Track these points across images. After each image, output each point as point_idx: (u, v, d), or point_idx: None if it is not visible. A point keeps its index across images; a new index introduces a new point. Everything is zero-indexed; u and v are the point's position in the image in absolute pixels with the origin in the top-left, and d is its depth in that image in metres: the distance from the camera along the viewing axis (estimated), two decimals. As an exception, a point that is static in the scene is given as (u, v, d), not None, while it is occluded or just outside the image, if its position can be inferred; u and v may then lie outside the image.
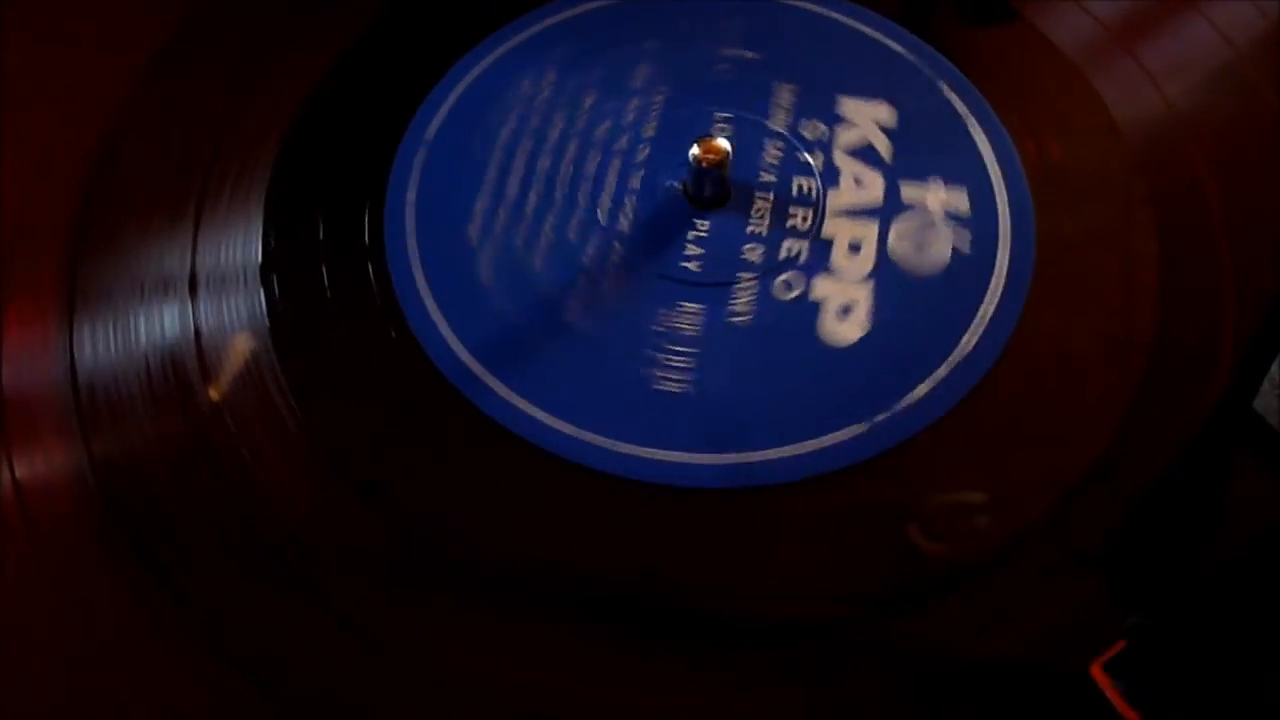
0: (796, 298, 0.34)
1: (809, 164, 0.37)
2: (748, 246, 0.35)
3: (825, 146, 0.37)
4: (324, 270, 0.35)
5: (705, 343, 0.34)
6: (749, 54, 0.39)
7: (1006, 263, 0.35)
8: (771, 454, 0.32)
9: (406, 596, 0.30)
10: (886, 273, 0.35)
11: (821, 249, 0.35)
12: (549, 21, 0.40)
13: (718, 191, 0.36)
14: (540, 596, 0.30)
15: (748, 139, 0.37)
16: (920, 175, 0.37)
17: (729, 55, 0.39)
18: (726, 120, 0.38)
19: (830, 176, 0.37)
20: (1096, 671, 0.27)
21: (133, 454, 0.32)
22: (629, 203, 0.36)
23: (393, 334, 0.34)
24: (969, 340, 0.34)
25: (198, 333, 0.34)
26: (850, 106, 0.38)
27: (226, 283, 0.35)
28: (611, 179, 0.37)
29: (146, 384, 0.33)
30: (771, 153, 0.37)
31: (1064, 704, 0.28)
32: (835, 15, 0.40)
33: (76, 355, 0.34)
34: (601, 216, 0.36)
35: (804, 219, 0.36)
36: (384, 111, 0.38)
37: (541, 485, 0.32)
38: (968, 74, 0.39)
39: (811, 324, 0.34)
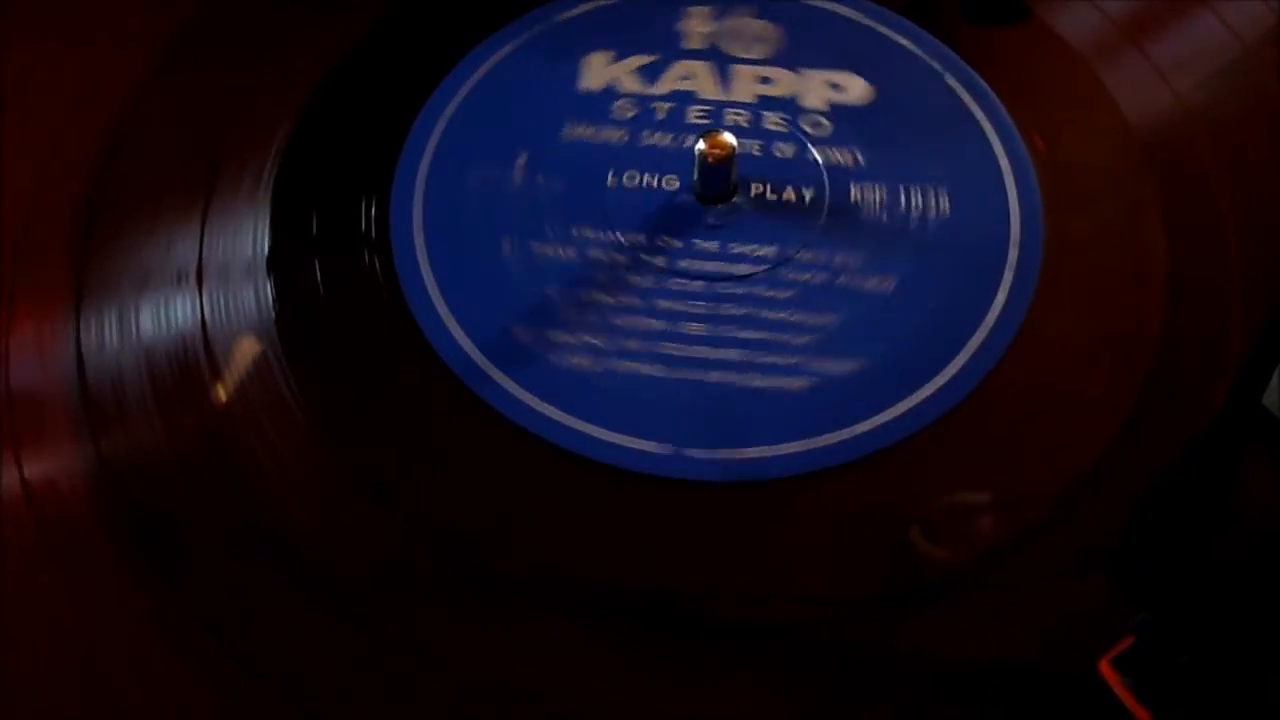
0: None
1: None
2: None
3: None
4: (331, 264, 0.35)
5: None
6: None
7: (1015, 259, 0.35)
8: (776, 450, 0.32)
9: (413, 591, 0.30)
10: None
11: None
12: (560, 17, 0.40)
13: (724, 186, 0.36)
14: (547, 594, 0.30)
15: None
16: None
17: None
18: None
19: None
20: (1105, 668, 0.27)
21: (140, 449, 0.32)
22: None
23: (400, 328, 0.34)
24: (977, 336, 0.33)
25: (205, 327, 0.34)
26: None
27: (234, 277, 0.35)
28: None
29: (153, 379, 0.33)
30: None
31: (1072, 701, 0.28)
32: (839, 9, 0.40)
33: (84, 350, 0.34)
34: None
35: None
36: (392, 105, 0.38)
37: (550, 481, 0.32)
38: (977, 70, 0.39)
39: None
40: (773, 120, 0.38)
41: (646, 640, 0.29)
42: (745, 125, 0.38)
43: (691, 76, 0.39)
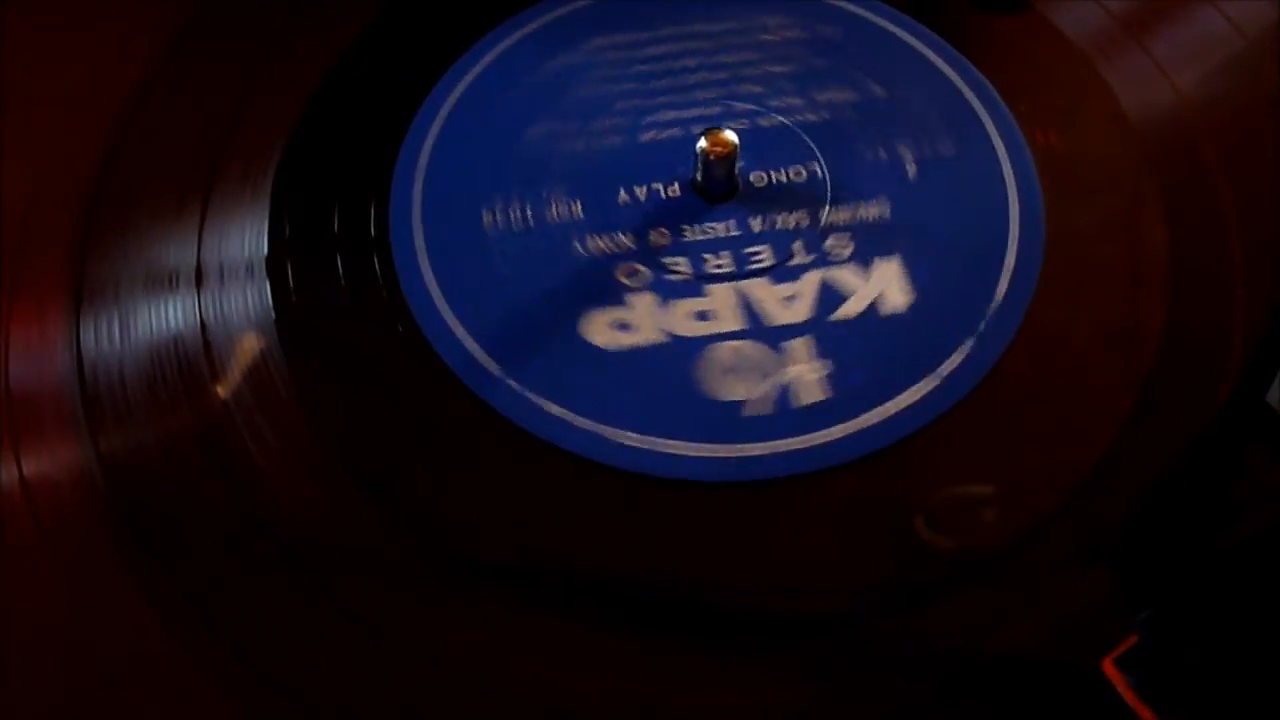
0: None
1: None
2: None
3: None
4: (331, 264, 0.35)
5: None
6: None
7: (1015, 254, 0.35)
8: (779, 446, 0.32)
9: (413, 590, 0.30)
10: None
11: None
12: (558, 13, 0.40)
13: (726, 185, 0.36)
14: (549, 592, 0.30)
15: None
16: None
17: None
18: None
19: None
20: (1108, 667, 0.27)
21: (139, 448, 0.32)
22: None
23: (400, 328, 0.34)
24: (978, 331, 0.33)
25: (204, 327, 0.34)
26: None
27: (233, 277, 0.35)
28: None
29: (153, 378, 0.33)
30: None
31: (1075, 700, 0.28)
32: (842, 4, 0.40)
33: (83, 349, 0.34)
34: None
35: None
36: (391, 104, 0.38)
37: (550, 480, 0.32)
38: (977, 64, 0.39)
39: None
40: (768, 118, 0.38)
41: (650, 636, 0.29)
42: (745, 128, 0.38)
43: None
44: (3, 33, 0.39)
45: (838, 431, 0.32)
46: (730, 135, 0.35)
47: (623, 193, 0.36)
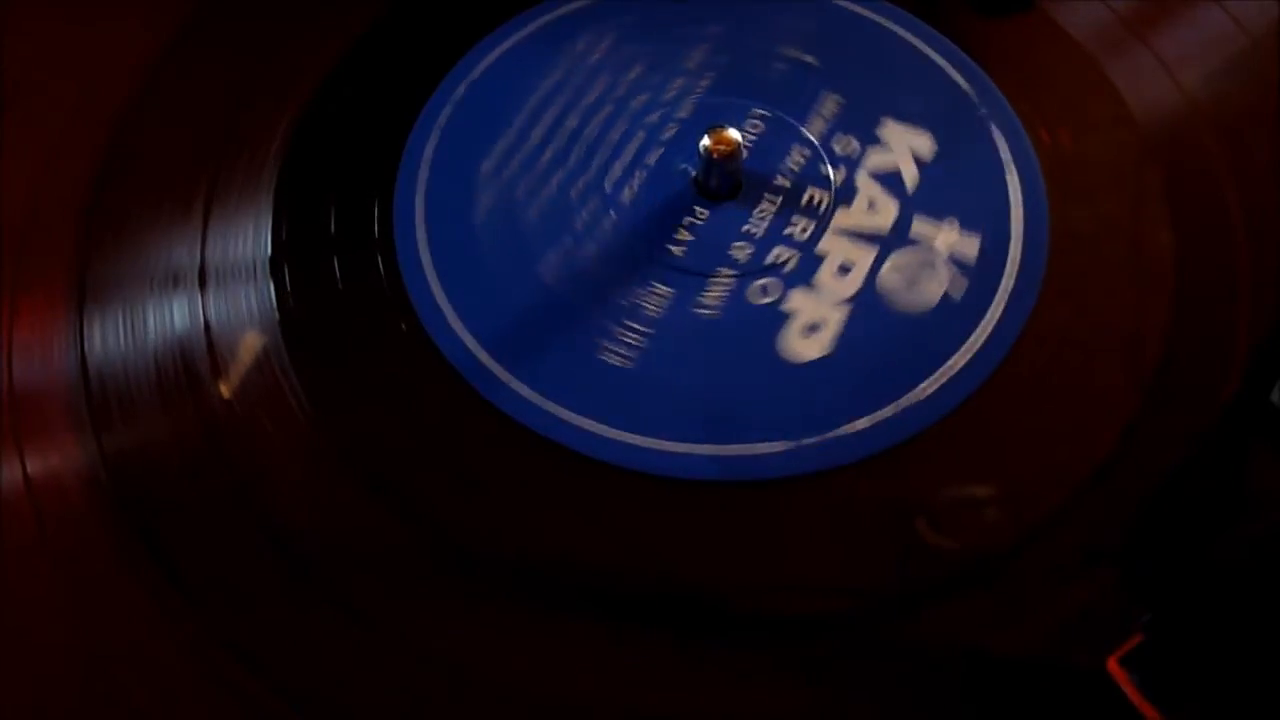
0: (807, 285, 0.34)
1: (828, 177, 0.37)
2: (737, 244, 0.35)
3: (852, 164, 0.37)
4: (334, 263, 0.35)
5: (717, 335, 0.33)
6: (799, 54, 0.39)
7: (1020, 254, 0.35)
8: (780, 447, 0.32)
9: (416, 591, 0.30)
10: (867, 301, 0.34)
11: (810, 263, 0.35)
12: (559, 12, 0.40)
13: (727, 183, 0.36)
14: (549, 591, 0.30)
15: (776, 139, 0.37)
16: (937, 213, 0.36)
17: (782, 54, 0.39)
18: (762, 117, 0.38)
19: (846, 194, 0.36)
20: (1113, 666, 0.27)
21: (143, 447, 0.32)
22: (639, 186, 0.36)
23: (402, 327, 0.34)
24: (981, 333, 0.33)
25: (207, 326, 0.34)
26: (891, 130, 0.37)
27: (236, 276, 0.35)
28: (628, 162, 0.37)
29: (156, 377, 0.33)
30: (795, 158, 0.37)
31: (1079, 700, 0.28)
32: (845, 3, 0.40)
33: (87, 349, 0.34)
34: (616, 206, 0.36)
35: (803, 230, 0.36)
36: (394, 103, 0.38)
37: (552, 479, 0.32)
38: (981, 63, 0.39)
39: (833, 309, 0.34)
40: (771, 117, 0.38)
41: (653, 637, 0.29)
42: (748, 127, 0.37)
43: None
44: (4, 32, 0.39)
45: (839, 431, 0.32)
46: (734, 134, 0.35)
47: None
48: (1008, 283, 0.34)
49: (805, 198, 0.36)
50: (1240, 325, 0.33)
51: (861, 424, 0.32)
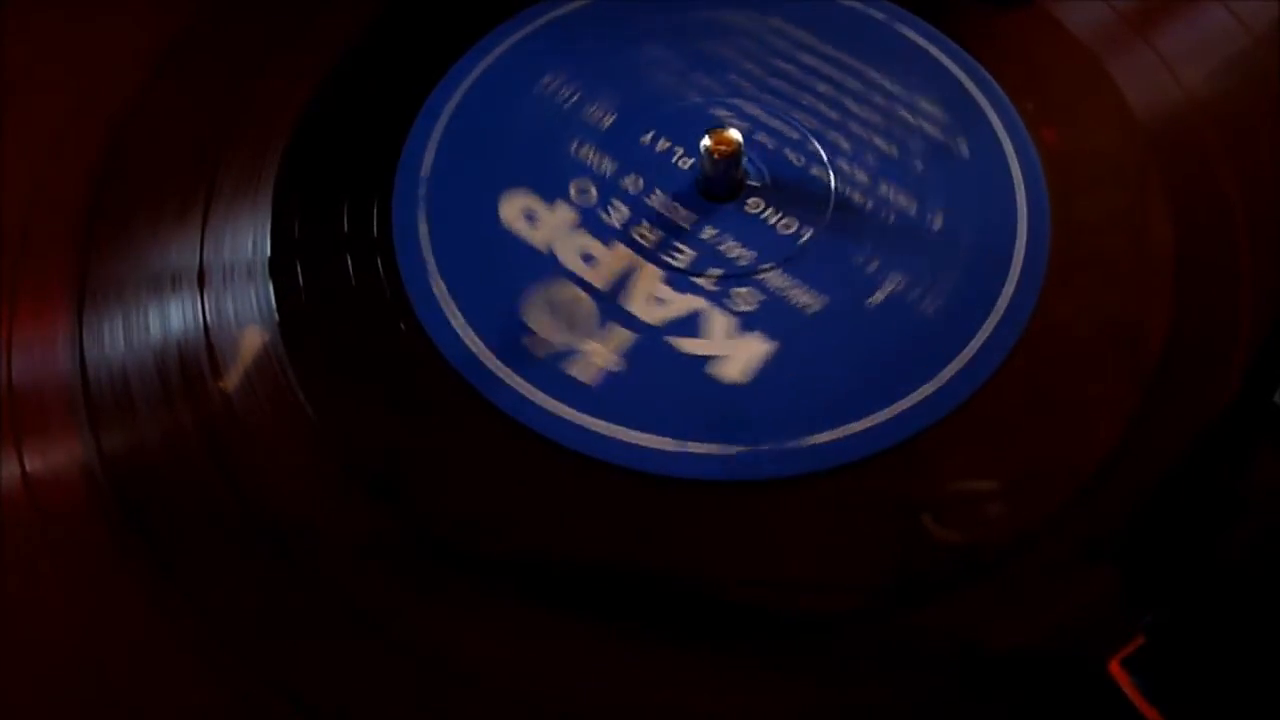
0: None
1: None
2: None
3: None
4: (333, 263, 0.35)
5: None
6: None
7: (1023, 251, 0.35)
8: (785, 445, 0.32)
9: (416, 589, 0.30)
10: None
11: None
12: (561, 11, 0.40)
13: (729, 183, 0.36)
14: (549, 589, 0.30)
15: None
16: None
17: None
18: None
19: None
20: (1115, 668, 0.27)
21: (142, 447, 0.32)
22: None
23: (402, 326, 0.34)
24: (985, 329, 0.33)
25: (207, 326, 0.34)
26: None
27: (236, 276, 0.35)
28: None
29: (156, 377, 0.33)
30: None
31: (1080, 700, 0.28)
32: (849, 2, 0.40)
33: (86, 349, 0.33)
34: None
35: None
36: (394, 103, 0.38)
37: (552, 478, 0.31)
38: (982, 60, 0.39)
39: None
40: (772, 116, 0.38)
41: (651, 635, 0.29)
42: (748, 126, 0.38)
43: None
44: (4, 32, 0.38)
45: (844, 430, 0.32)
46: (734, 134, 0.35)
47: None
48: (1010, 281, 0.34)
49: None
50: (1241, 324, 0.33)
51: (864, 422, 0.32)
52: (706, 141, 0.35)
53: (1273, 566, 0.28)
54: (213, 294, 0.34)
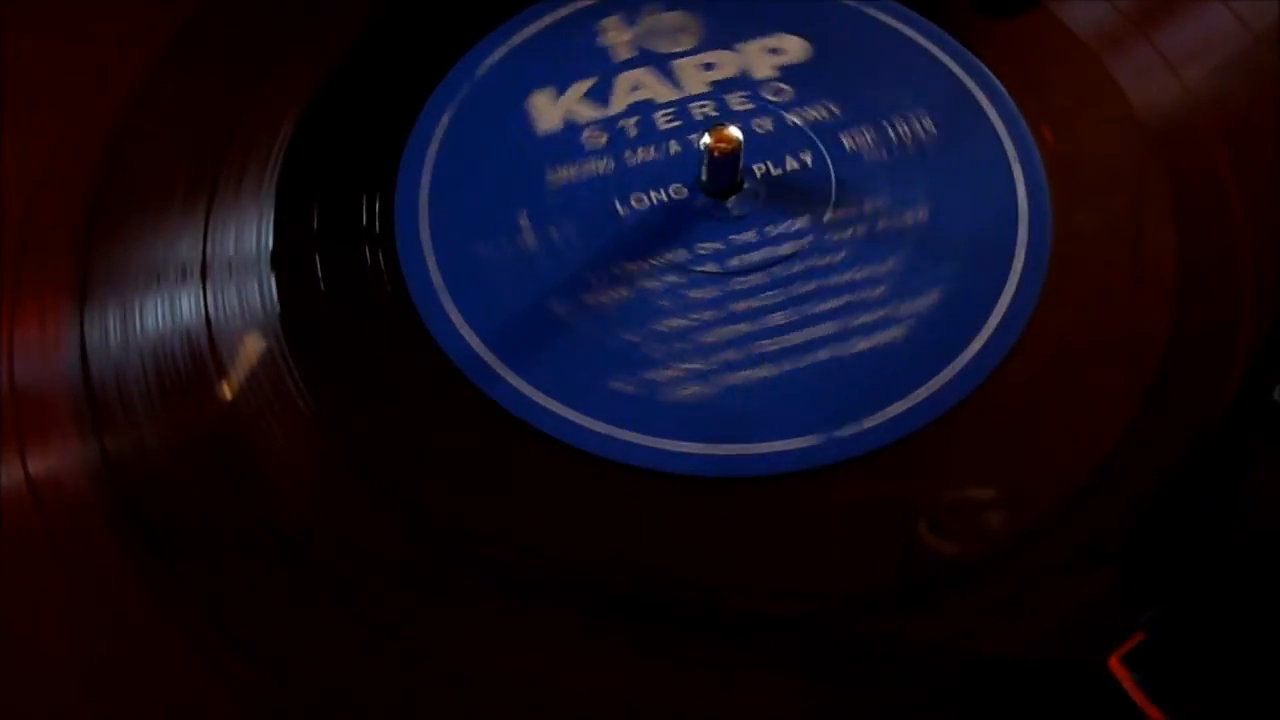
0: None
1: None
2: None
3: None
4: (335, 260, 0.35)
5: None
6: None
7: (1023, 251, 0.35)
8: (781, 446, 0.32)
9: (417, 588, 0.30)
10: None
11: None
12: (563, 11, 0.40)
13: (732, 179, 0.36)
14: (548, 588, 0.30)
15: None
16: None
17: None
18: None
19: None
20: (1115, 664, 0.27)
21: (145, 445, 0.32)
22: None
23: (405, 324, 0.34)
24: (985, 329, 0.33)
25: (209, 322, 0.34)
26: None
27: (238, 272, 0.35)
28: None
29: (158, 375, 0.33)
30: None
31: (1081, 698, 0.28)
32: (850, 1, 0.40)
33: (88, 346, 0.34)
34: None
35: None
36: (397, 98, 0.38)
37: (553, 476, 0.31)
38: (983, 60, 0.39)
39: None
40: (737, 101, 0.38)
41: (650, 635, 0.29)
42: (715, 114, 0.38)
43: (640, 86, 0.39)
44: (4, 32, 0.39)
45: (842, 431, 0.32)
46: (735, 132, 0.35)
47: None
48: (1011, 281, 0.34)
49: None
50: (1243, 323, 0.33)
51: (863, 424, 0.32)
52: (707, 139, 0.35)
53: (1271, 565, 0.28)
54: (215, 291, 0.34)
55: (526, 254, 0.35)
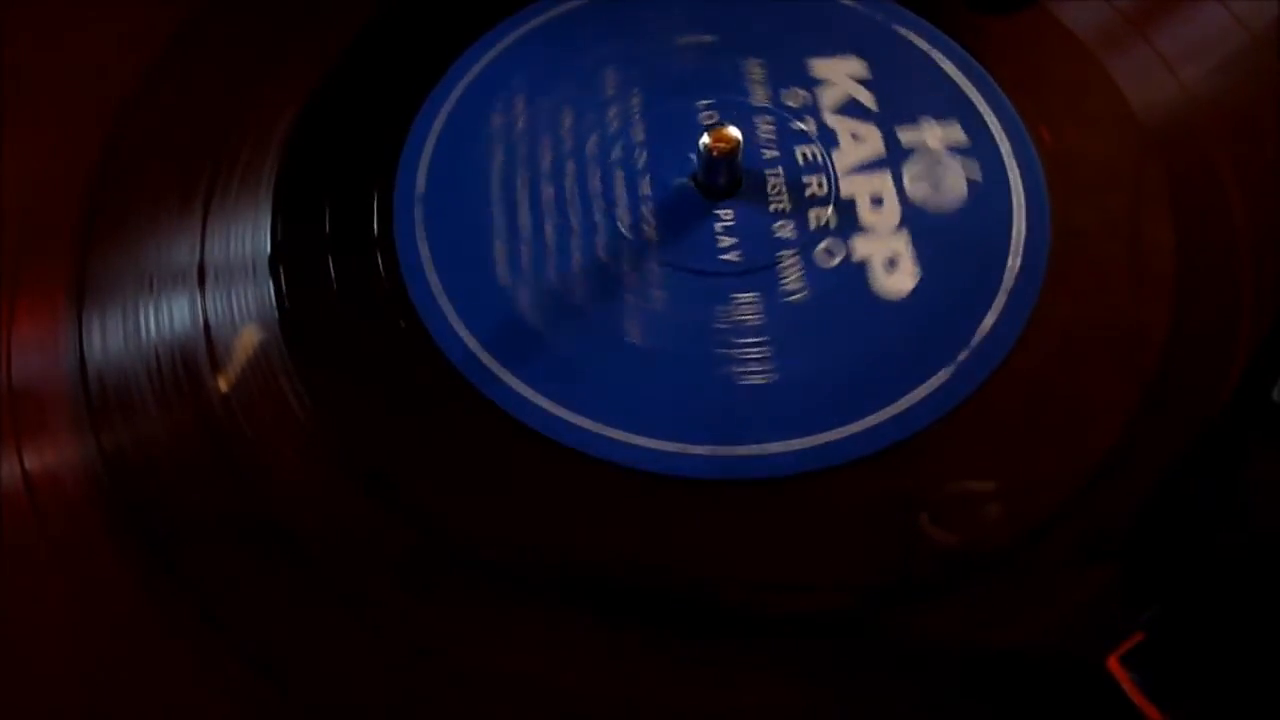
0: (841, 263, 0.34)
1: (804, 131, 0.37)
2: (777, 224, 0.35)
3: (812, 110, 0.37)
4: (333, 261, 0.35)
5: (719, 333, 0.33)
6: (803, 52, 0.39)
7: (1021, 250, 0.35)
8: (781, 446, 0.32)
9: (415, 587, 0.30)
10: (914, 217, 0.35)
11: (847, 209, 0.35)
12: (561, 10, 0.40)
13: (730, 179, 0.36)
14: (549, 588, 0.30)
15: (736, 120, 0.37)
16: (911, 118, 0.37)
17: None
18: (709, 107, 0.38)
19: (827, 138, 0.37)
20: (1113, 664, 0.27)
21: (143, 446, 0.32)
22: (644, 192, 0.36)
23: (402, 324, 0.34)
24: (983, 329, 0.33)
25: (207, 324, 0.34)
26: (822, 66, 0.38)
27: (235, 274, 0.35)
28: (625, 166, 0.37)
29: (156, 376, 0.33)
30: (764, 129, 0.37)
31: (1079, 698, 0.28)
32: (847, 1, 0.40)
33: (86, 347, 0.34)
34: (616, 204, 0.36)
35: (819, 185, 0.36)
36: (393, 101, 0.38)
37: (552, 477, 0.31)
38: (981, 60, 0.39)
39: (864, 284, 0.34)
40: (772, 114, 0.38)
41: (650, 635, 0.29)
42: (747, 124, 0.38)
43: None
44: (4, 32, 0.39)
45: (841, 430, 0.32)
46: (733, 131, 0.35)
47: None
48: (1009, 280, 0.34)
49: (799, 157, 0.36)
50: (1242, 321, 0.33)
51: (863, 423, 0.32)
52: (705, 139, 0.35)
53: (1271, 565, 0.28)
54: (213, 290, 0.34)
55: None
